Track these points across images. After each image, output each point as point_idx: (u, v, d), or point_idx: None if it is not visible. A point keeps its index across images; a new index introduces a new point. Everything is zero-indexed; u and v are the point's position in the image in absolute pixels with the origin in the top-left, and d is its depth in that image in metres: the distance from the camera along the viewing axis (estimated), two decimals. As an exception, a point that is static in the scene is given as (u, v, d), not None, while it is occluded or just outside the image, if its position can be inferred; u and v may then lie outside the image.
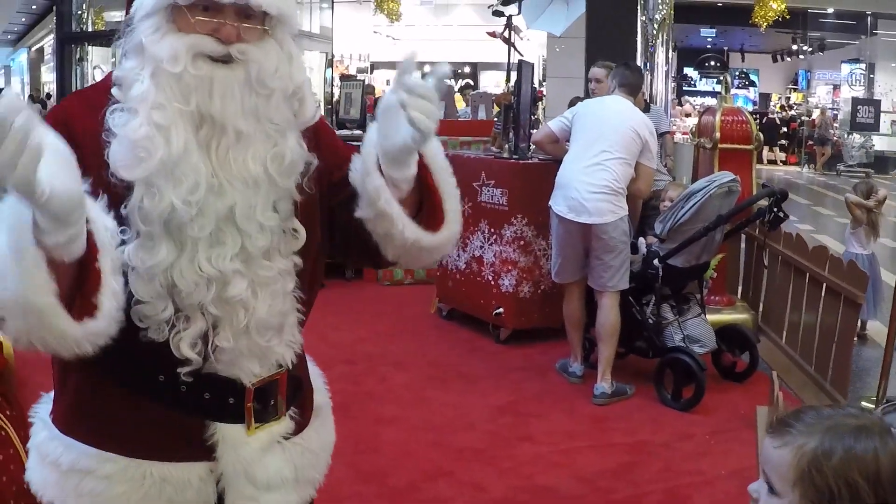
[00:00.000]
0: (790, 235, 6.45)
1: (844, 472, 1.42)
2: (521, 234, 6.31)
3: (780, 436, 1.52)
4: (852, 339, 5.57)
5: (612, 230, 5.27)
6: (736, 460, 4.68)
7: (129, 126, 1.56)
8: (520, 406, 5.26)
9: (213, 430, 1.72)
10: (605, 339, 5.41)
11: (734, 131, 6.83)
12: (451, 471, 4.32)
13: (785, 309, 6.50)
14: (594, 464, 4.53)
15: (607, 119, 5.41)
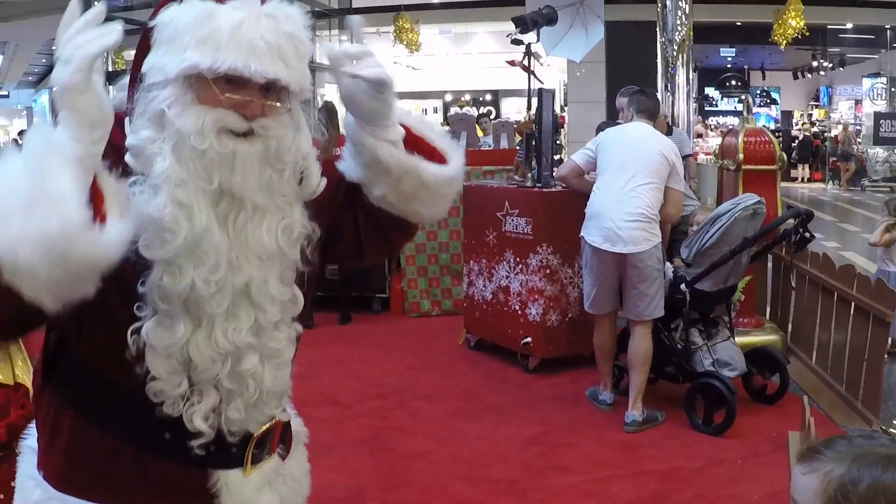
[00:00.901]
0: (817, 255, 6.43)
1: (870, 500, 1.40)
2: (546, 262, 6.31)
3: (809, 462, 1.51)
4: (882, 357, 5.53)
5: (647, 258, 5.25)
6: (769, 484, 4.64)
7: (153, 205, 1.53)
8: (551, 436, 5.25)
9: (215, 478, 1.74)
10: (637, 367, 5.39)
11: (757, 152, 6.80)
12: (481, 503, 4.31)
13: (814, 329, 6.47)
14: (627, 493, 4.51)
15: (633, 145, 5.40)
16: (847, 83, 29.46)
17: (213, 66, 1.55)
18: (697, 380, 5.46)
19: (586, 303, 5.60)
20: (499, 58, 8.41)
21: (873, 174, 24.26)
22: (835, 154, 25.10)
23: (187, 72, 1.56)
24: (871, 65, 27.61)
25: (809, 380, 6.29)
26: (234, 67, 1.55)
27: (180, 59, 1.56)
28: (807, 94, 31.30)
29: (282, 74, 1.59)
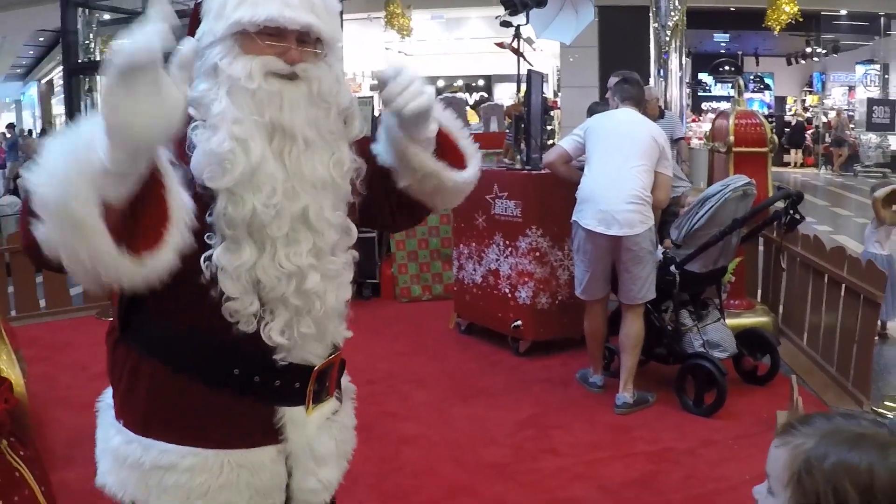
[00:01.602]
0: (808, 237, 6.41)
1: (834, 478, 1.39)
2: (536, 245, 6.28)
3: (784, 436, 1.51)
4: (873, 338, 5.53)
5: (642, 241, 5.23)
6: (760, 464, 4.50)
7: (213, 141, 1.74)
8: (542, 419, 5.24)
9: (280, 414, 1.94)
10: (628, 350, 5.39)
11: (748, 134, 6.78)
12: (474, 487, 4.29)
13: (805, 310, 6.47)
14: (618, 474, 4.50)
15: (623, 130, 5.38)
16: (840, 70, 29.50)
17: (252, 19, 1.77)
18: (688, 361, 5.46)
19: (578, 289, 5.57)
20: (491, 43, 8.35)
21: (866, 160, 24.33)
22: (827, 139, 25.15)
23: (233, 29, 1.79)
24: (865, 52, 27.66)
25: (800, 361, 6.28)
26: (271, 17, 1.77)
27: (226, 19, 1.79)
28: (800, 80, 31.29)
29: (313, 22, 1.82)
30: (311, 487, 2.02)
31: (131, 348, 1.93)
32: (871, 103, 25.09)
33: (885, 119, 24.54)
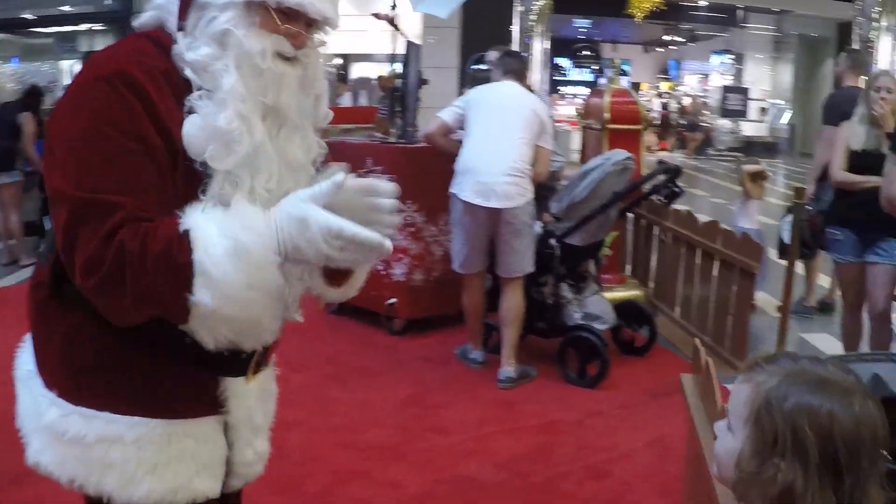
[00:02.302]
0: (680, 212, 6.48)
1: (794, 419, 1.36)
2: (410, 220, 6.10)
3: (749, 372, 1.48)
4: (749, 307, 5.63)
5: (521, 214, 5.14)
6: (649, 432, 4.65)
7: (221, 118, 1.66)
8: (425, 397, 5.09)
9: (224, 384, 1.87)
10: (509, 323, 5.30)
11: (623, 112, 6.83)
12: (365, 470, 4.11)
13: (676, 284, 6.54)
14: (509, 448, 4.41)
15: (505, 103, 5.28)
16: (695, 59, 30.57)
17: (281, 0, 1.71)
18: (569, 333, 5.43)
19: (456, 262, 5.43)
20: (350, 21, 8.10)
21: (719, 144, 25.19)
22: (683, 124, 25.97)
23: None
24: (720, 42, 28.72)
25: (674, 332, 6.36)
26: (300, 4, 1.73)
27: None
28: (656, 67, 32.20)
29: (331, 15, 1.81)
30: (249, 459, 1.98)
31: (70, 307, 1.77)
32: (726, 91, 26.11)
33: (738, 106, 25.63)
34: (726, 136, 25.55)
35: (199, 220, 1.59)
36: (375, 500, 3.84)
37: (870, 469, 1.37)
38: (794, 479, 1.34)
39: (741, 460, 1.41)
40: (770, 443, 1.37)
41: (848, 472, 1.34)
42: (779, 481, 1.35)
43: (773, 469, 1.36)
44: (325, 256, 1.61)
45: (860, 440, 1.36)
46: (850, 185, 5.06)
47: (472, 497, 3.91)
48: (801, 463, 1.34)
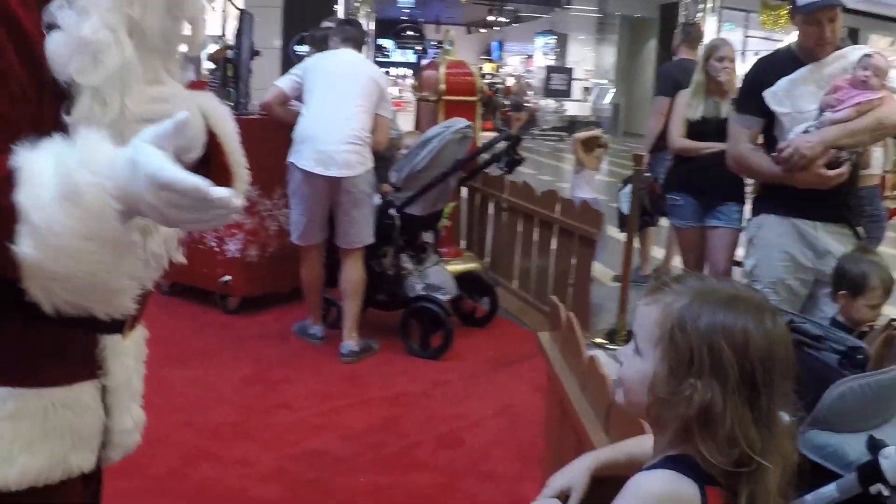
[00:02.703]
0: (516, 183, 6.52)
1: (710, 336, 1.35)
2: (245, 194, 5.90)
3: (654, 294, 1.46)
4: (589, 275, 5.71)
5: (360, 183, 5.05)
6: (497, 399, 4.67)
7: (86, 27, 1.44)
8: (266, 374, 4.94)
9: (102, 343, 1.65)
10: (350, 296, 5.20)
11: (459, 84, 6.81)
12: (212, 450, 3.93)
13: (513, 256, 6.58)
14: (358, 421, 4.33)
15: (343, 70, 5.17)
16: (518, 40, 31.08)
17: None
18: (411, 305, 5.38)
19: (294, 234, 5.28)
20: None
21: (544, 124, 25.66)
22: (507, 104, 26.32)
23: None
24: (544, 23, 29.24)
25: (513, 303, 6.39)
26: None
27: None
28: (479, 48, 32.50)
29: None
30: (128, 427, 1.80)
31: None
32: (550, 71, 26.61)
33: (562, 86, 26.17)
34: (550, 116, 26.07)
35: (33, 156, 1.33)
36: (225, 478, 3.68)
37: (782, 385, 1.38)
38: (713, 398, 1.33)
39: (656, 383, 1.39)
40: (686, 362, 1.36)
41: (763, 389, 1.35)
42: (696, 401, 1.34)
43: (690, 389, 1.35)
44: (158, 213, 1.33)
45: (774, 356, 1.37)
46: (692, 151, 5.19)
47: (324, 471, 3.81)
48: (718, 381, 1.34)
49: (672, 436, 1.41)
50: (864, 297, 3.25)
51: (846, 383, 2.16)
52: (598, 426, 2.23)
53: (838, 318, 3.33)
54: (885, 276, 3.27)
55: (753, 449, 1.35)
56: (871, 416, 2.22)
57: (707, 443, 1.35)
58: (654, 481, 1.39)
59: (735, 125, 3.70)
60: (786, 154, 3.35)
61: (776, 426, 1.39)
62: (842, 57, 3.49)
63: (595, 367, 2.32)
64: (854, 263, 3.29)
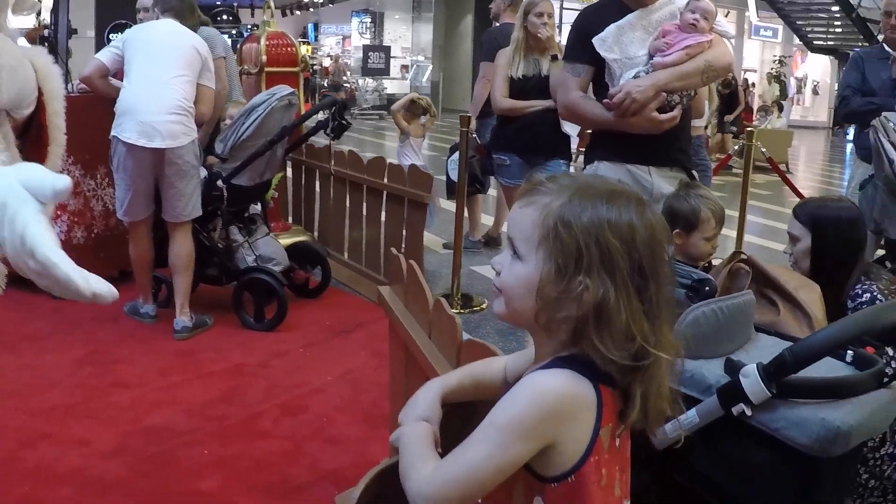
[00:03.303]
0: (342, 153, 6.52)
1: (595, 231, 1.33)
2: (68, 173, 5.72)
3: (528, 196, 1.42)
4: (422, 240, 5.78)
5: (185, 154, 4.96)
6: (337, 366, 4.72)
7: None
8: (100, 356, 4.81)
9: None
10: (180, 271, 5.12)
11: (280, 55, 6.76)
12: (50, 432, 3.82)
13: (343, 227, 6.61)
14: (198, 395, 4.29)
15: (164, 40, 5.05)
16: (334, 21, 30.93)
17: None
18: (243, 277, 5.35)
19: (120, 210, 5.14)
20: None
21: (364, 103, 25.64)
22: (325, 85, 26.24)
23: None
24: (359, 2, 29.21)
25: (346, 274, 6.43)
26: None
27: None
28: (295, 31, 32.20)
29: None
30: None
31: None
32: (367, 49, 26.60)
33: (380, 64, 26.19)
34: (370, 95, 26.10)
35: None
36: (65, 458, 3.59)
37: (667, 272, 1.39)
38: (605, 293, 1.32)
39: (543, 285, 1.36)
40: (574, 259, 1.33)
41: (652, 280, 1.36)
42: (589, 298, 1.33)
43: (580, 286, 1.33)
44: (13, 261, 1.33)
45: (658, 244, 1.37)
46: (516, 110, 5.30)
47: (167, 445, 3.76)
48: (609, 275, 1.33)
49: (564, 338, 1.39)
50: (698, 231, 3.28)
51: (698, 308, 2.25)
52: (450, 369, 2.23)
53: (676, 259, 3.34)
54: (716, 208, 3.32)
55: (648, 342, 1.35)
56: (725, 340, 2.31)
57: (604, 339, 1.34)
58: (549, 380, 1.36)
59: (565, 74, 3.62)
60: (617, 99, 3.31)
61: (664, 320, 1.39)
62: (669, 2, 3.49)
63: (443, 308, 2.36)
64: (683, 200, 3.31)
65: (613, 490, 1.43)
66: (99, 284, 1.26)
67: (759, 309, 2.66)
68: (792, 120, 28.68)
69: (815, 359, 2.04)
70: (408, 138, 7.19)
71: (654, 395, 1.40)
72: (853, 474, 2.60)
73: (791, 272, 2.95)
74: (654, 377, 1.38)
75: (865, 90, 5.25)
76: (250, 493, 3.41)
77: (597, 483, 1.38)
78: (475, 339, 2.10)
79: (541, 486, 1.38)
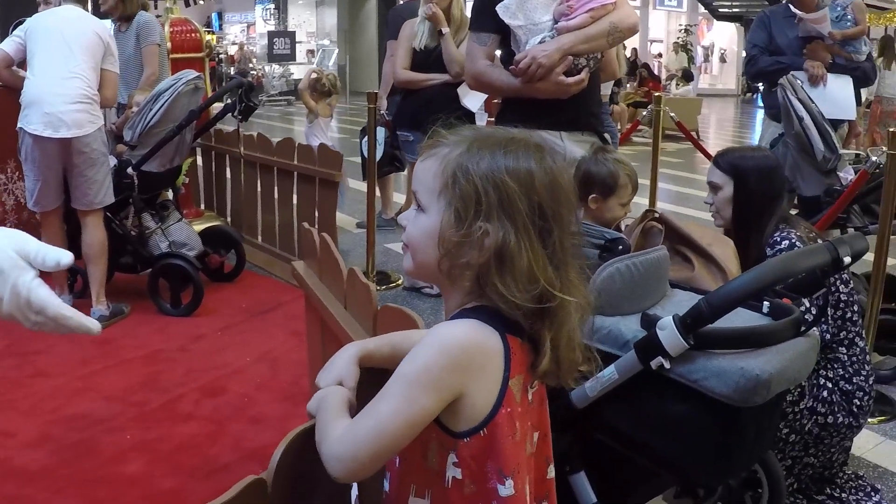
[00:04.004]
0: (251, 136, 6.52)
1: (493, 175, 1.34)
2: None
3: (429, 149, 1.43)
4: (334, 219, 5.82)
5: (93, 142, 4.90)
6: (256, 346, 4.74)
7: None
8: (17, 347, 4.74)
9: None
10: (94, 259, 5.07)
11: (185, 41, 6.73)
12: (-30, 424, 3.82)
13: (255, 210, 6.62)
14: (118, 382, 4.28)
15: (66, 26, 4.97)
16: (238, 9, 30.61)
17: None
18: (158, 263, 5.33)
19: (31, 201, 5.06)
20: None
21: (271, 89, 25.40)
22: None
23: None
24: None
25: (260, 257, 6.43)
26: None
27: None
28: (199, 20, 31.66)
29: None
30: None
31: None
32: (272, 36, 26.33)
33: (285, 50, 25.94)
34: (277, 81, 25.87)
35: None
36: (-15, 451, 3.59)
37: (570, 223, 1.39)
38: (505, 236, 1.32)
39: (443, 232, 1.36)
40: (473, 204, 1.34)
41: (554, 224, 1.36)
42: (489, 243, 1.33)
43: (479, 231, 1.33)
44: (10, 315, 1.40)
45: (559, 190, 1.37)
46: (415, 83, 5.34)
47: (89, 432, 3.76)
48: (508, 219, 1.33)
49: (469, 288, 1.39)
50: (615, 196, 3.26)
51: (612, 265, 2.26)
52: (368, 338, 2.25)
53: (585, 223, 3.28)
54: (632, 173, 3.32)
55: (553, 285, 1.35)
56: (641, 296, 2.32)
57: (507, 283, 1.33)
58: (454, 330, 1.37)
59: (471, 43, 3.60)
60: (523, 65, 3.28)
61: (570, 269, 1.39)
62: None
63: (357, 277, 2.40)
64: (601, 164, 3.27)
65: (525, 446, 1.43)
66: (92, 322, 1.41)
67: (674, 266, 2.67)
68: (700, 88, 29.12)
69: (731, 307, 2.05)
70: (316, 118, 7.21)
71: (565, 344, 1.40)
72: (775, 425, 2.63)
73: (704, 228, 2.97)
74: (563, 323, 1.39)
75: (772, 49, 5.33)
76: (174, 475, 3.43)
77: (510, 436, 1.37)
78: (391, 305, 2.12)
79: (453, 442, 1.37)
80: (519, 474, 1.39)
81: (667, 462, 2.27)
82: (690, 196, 9.57)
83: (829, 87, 5.09)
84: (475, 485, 1.38)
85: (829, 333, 3.08)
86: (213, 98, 5.65)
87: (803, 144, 4.32)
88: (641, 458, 2.32)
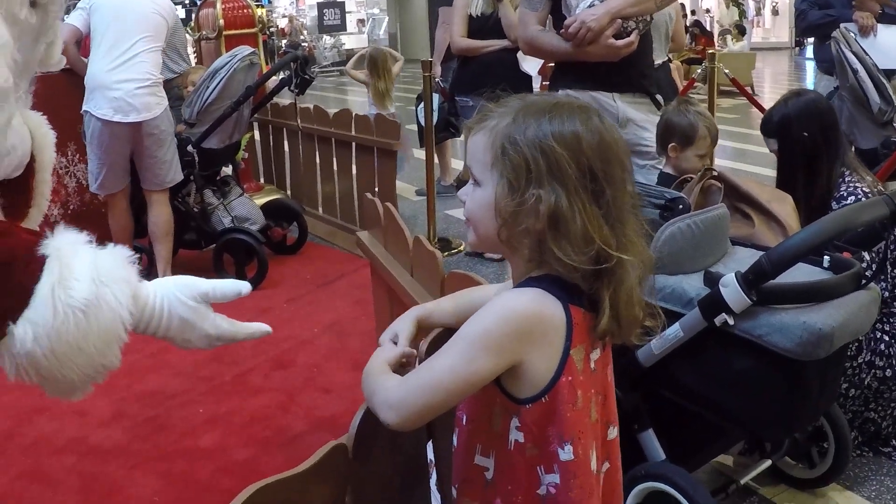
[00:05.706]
0: (308, 109, 6.54)
1: (540, 142, 1.35)
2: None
3: (478, 123, 1.46)
4: (394, 188, 5.83)
5: (161, 123, 4.96)
6: (322, 317, 4.78)
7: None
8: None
9: None
10: (161, 238, 5.14)
11: (238, 17, 6.74)
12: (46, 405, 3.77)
13: (315, 182, 6.65)
14: (187, 358, 4.30)
15: (131, 8, 4.97)
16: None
17: None
18: (221, 238, 5.39)
19: (94, 184, 5.13)
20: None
21: (323, 60, 25.38)
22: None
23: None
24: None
25: (322, 229, 6.47)
26: None
27: None
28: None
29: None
30: None
31: None
32: (322, 7, 26.29)
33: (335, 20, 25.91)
34: (329, 52, 25.87)
35: (66, 249, 1.33)
36: (64, 430, 3.65)
37: (623, 180, 1.40)
38: (558, 201, 1.34)
39: (499, 202, 1.38)
40: (524, 173, 1.35)
41: (606, 184, 1.37)
42: (543, 209, 1.34)
43: (532, 198, 1.35)
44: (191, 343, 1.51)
45: (608, 148, 1.38)
46: (473, 50, 5.31)
47: (162, 408, 3.83)
48: (559, 183, 1.34)
49: (529, 255, 1.42)
50: (693, 146, 3.39)
51: (674, 224, 2.28)
52: (436, 303, 2.31)
53: (666, 171, 3.47)
54: (711, 125, 3.41)
55: (608, 245, 1.36)
56: (702, 254, 2.34)
57: (563, 247, 1.35)
58: (519, 298, 1.40)
59: (522, 9, 3.65)
60: (573, 29, 3.32)
61: (627, 225, 1.41)
62: None
63: (422, 245, 2.41)
64: (682, 115, 3.39)
65: (590, 413, 1.45)
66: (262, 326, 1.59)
67: (734, 223, 2.69)
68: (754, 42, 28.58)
69: (791, 263, 2.07)
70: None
71: (624, 302, 1.41)
72: (838, 379, 2.64)
73: (763, 186, 2.97)
74: (621, 281, 1.40)
75: (821, 2, 5.28)
76: (247, 446, 3.49)
77: (571, 404, 1.40)
78: (457, 271, 2.14)
79: (516, 408, 1.41)
80: (580, 440, 1.42)
81: (733, 417, 2.30)
82: (748, 152, 9.42)
83: (879, 37, 5.03)
84: (537, 448, 1.42)
85: (886, 291, 3.04)
86: (269, 73, 5.67)
87: (859, 97, 4.26)
88: (708, 413, 2.35)
